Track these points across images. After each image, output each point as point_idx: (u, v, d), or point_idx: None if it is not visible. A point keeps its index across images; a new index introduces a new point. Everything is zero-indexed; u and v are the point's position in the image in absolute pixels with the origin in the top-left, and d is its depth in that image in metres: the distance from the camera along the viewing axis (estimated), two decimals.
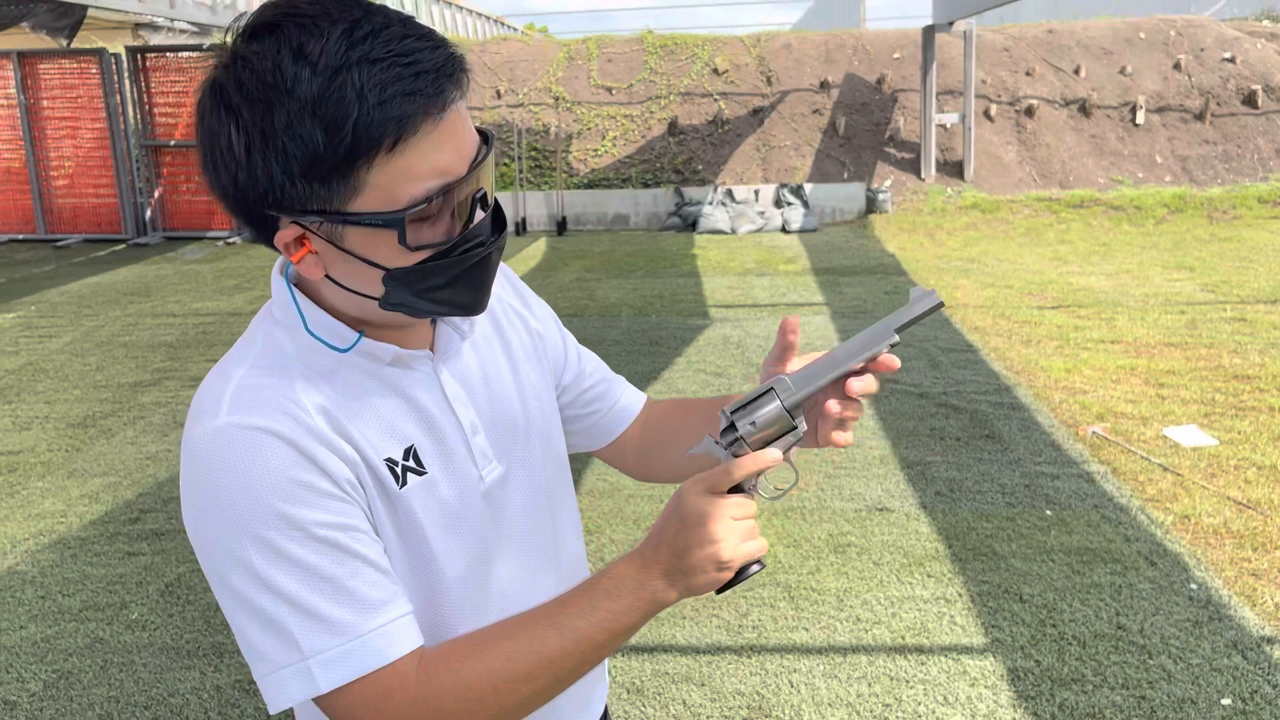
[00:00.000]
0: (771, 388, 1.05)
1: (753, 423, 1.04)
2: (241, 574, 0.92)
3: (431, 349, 1.09)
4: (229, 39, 0.93)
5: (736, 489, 1.01)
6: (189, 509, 0.96)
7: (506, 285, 1.26)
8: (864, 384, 1.06)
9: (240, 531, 0.92)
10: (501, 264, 1.26)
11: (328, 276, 0.98)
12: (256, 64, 0.89)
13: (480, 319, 1.17)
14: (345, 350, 1.01)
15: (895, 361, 1.07)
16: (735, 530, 0.99)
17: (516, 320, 1.23)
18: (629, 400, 1.37)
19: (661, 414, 1.36)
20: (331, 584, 0.93)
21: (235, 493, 0.92)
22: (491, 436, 1.11)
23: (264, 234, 0.98)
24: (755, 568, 1.02)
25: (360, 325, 1.02)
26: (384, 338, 1.04)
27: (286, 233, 0.95)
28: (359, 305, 1.00)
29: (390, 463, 1.01)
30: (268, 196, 0.92)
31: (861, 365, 1.06)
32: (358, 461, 0.98)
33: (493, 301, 1.21)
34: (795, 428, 1.05)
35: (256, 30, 0.91)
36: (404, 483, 1.02)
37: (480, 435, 1.10)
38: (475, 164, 0.95)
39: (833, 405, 1.06)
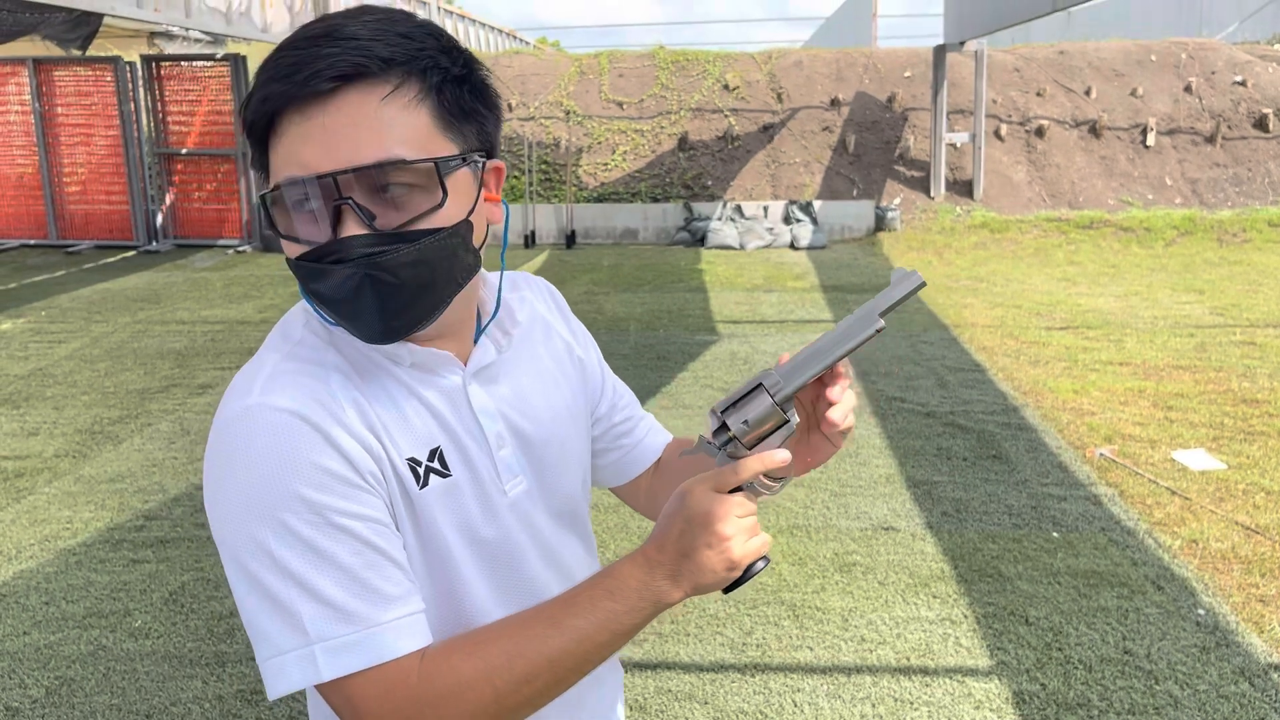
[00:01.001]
0: (760, 383, 1.04)
1: (745, 421, 1.03)
2: (256, 553, 0.92)
3: (464, 361, 1.09)
4: None
5: (738, 488, 1.02)
6: (210, 484, 0.97)
7: (553, 307, 1.26)
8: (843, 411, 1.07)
9: (261, 511, 0.92)
10: (548, 285, 1.27)
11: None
12: None
13: (522, 335, 1.17)
14: (331, 324, 1.03)
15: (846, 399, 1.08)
16: (742, 527, 0.99)
17: (559, 343, 1.23)
18: (654, 440, 1.36)
19: (674, 455, 1.35)
20: (347, 573, 0.93)
21: (259, 471, 0.92)
22: (519, 451, 1.11)
23: None
24: (761, 564, 1.02)
25: None
26: (416, 340, 1.04)
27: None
28: None
29: (412, 462, 1.01)
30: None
31: (850, 350, 1.05)
32: (383, 457, 0.99)
33: (535, 321, 1.21)
34: (788, 421, 1.04)
35: None
36: (425, 483, 1.02)
37: (506, 449, 1.10)
38: (348, 170, 0.92)
39: (834, 414, 1.07)
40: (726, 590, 1.01)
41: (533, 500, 1.13)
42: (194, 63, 12.88)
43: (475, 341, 1.11)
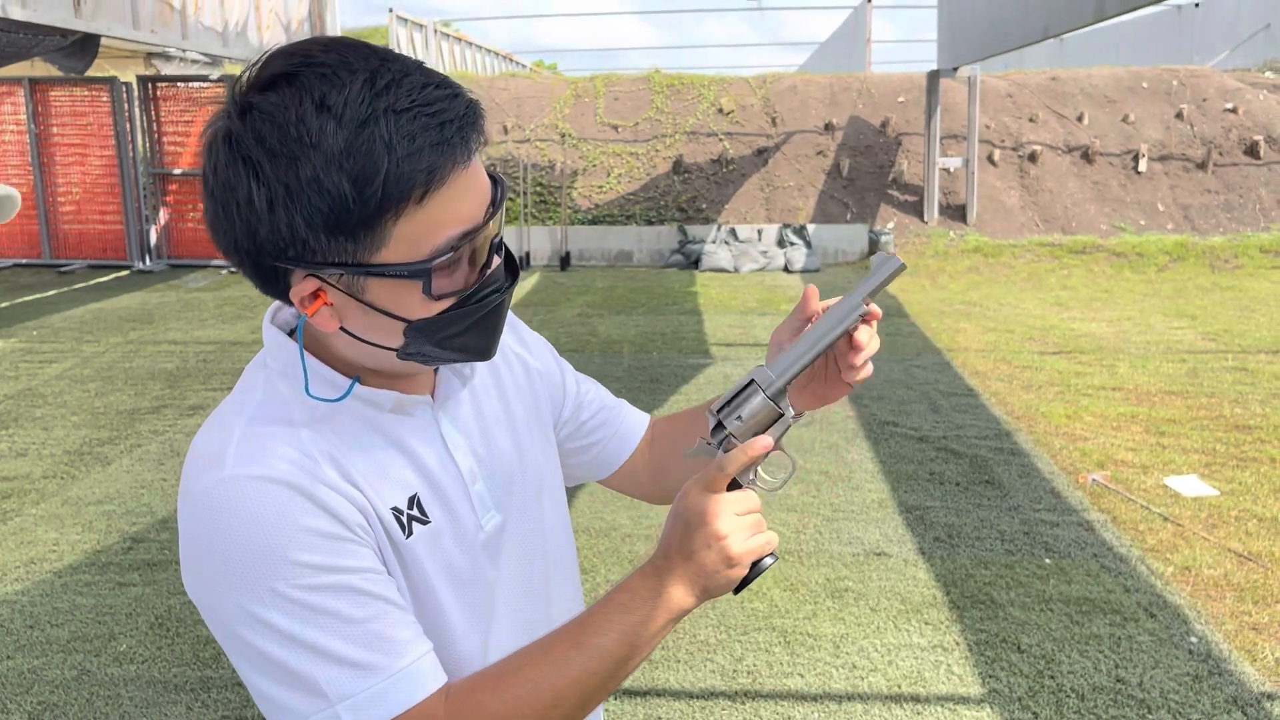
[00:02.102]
0: (752, 379, 1.05)
1: (739, 417, 1.04)
2: (257, 628, 0.90)
3: (431, 395, 1.08)
4: (238, 87, 0.91)
5: (735, 485, 1.01)
6: (194, 567, 0.93)
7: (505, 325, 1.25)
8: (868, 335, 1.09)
9: (254, 585, 0.89)
10: None
11: (342, 328, 0.96)
12: (277, 116, 0.86)
13: (479, 364, 1.16)
14: (337, 400, 0.99)
15: (876, 310, 1.09)
16: (741, 525, 0.98)
17: (515, 362, 1.22)
18: (631, 424, 1.35)
19: (668, 428, 1.34)
20: (355, 627, 0.91)
21: (247, 546, 0.90)
22: (489, 484, 1.10)
23: (274, 286, 0.95)
24: (769, 560, 1.01)
25: (358, 371, 1.01)
26: (383, 384, 1.02)
27: (303, 286, 0.93)
28: (372, 356, 0.98)
29: (396, 511, 1.00)
30: (288, 250, 0.90)
31: (837, 338, 1.07)
32: (367, 507, 0.97)
33: None
34: (783, 415, 1.05)
35: (273, 81, 0.88)
36: (410, 532, 1.00)
37: (479, 483, 1.08)
38: (492, 210, 0.94)
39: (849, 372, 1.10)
40: (736, 590, 1.00)
41: (505, 534, 1.11)
42: (190, 83, 12.91)
43: (435, 372, 1.09)
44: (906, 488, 4.89)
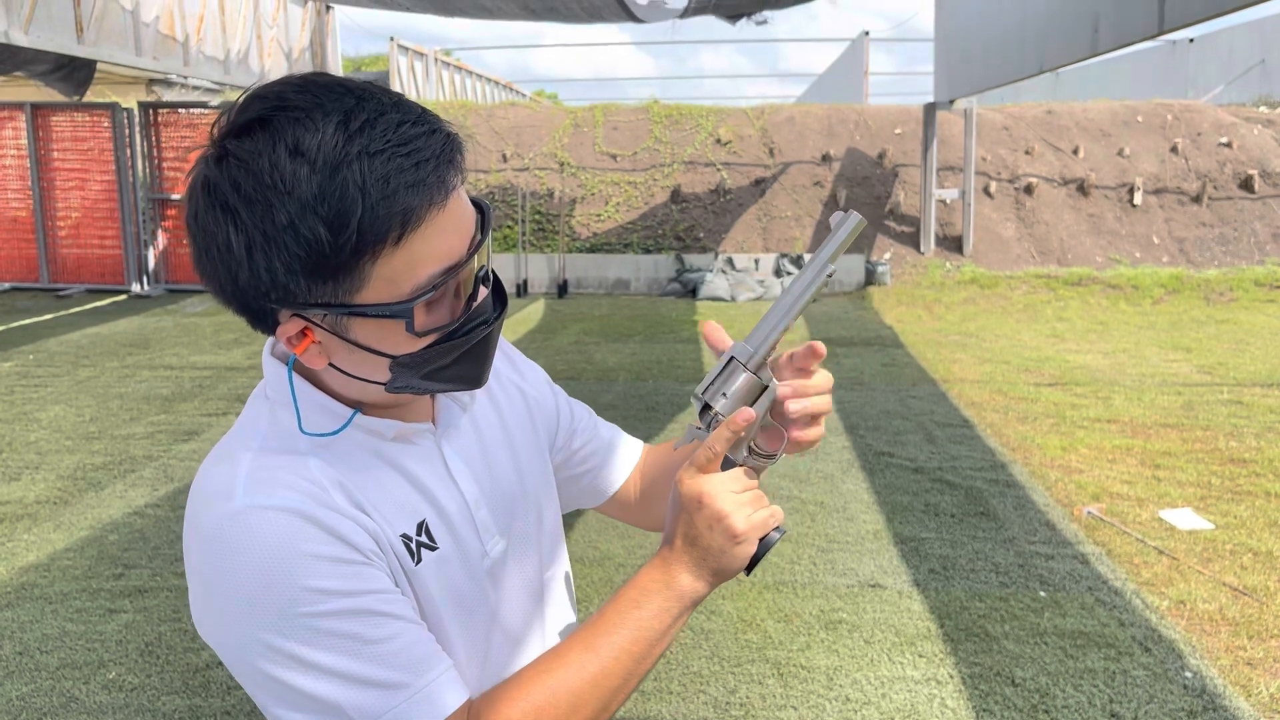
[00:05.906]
0: (732, 357, 1.05)
1: (724, 394, 1.04)
2: (277, 660, 0.90)
3: (433, 422, 1.09)
4: (215, 130, 0.91)
5: (729, 465, 1.02)
6: (207, 600, 0.93)
7: (499, 352, 1.26)
8: (803, 405, 1.05)
9: (271, 616, 0.90)
10: None
11: (331, 364, 0.97)
12: (251, 163, 0.87)
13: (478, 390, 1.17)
14: (334, 433, 1.00)
15: (820, 347, 1.06)
16: (740, 501, 0.99)
17: (512, 388, 1.23)
18: (625, 452, 1.35)
19: (659, 456, 1.35)
20: (376, 647, 0.92)
21: (260, 577, 0.90)
22: (493, 510, 1.11)
23: (263, 324, 0.96)
24: (776, 535, 1.01)
25: (358, 404, 1.02)
26: (385, 414, 1.03)
27: (289, 326, 0.94)
28: (362, 389, 1.00)
29: (405, 539, 1.00)
30: (270, 294, 0.91)
31: (808, 303, 1.07)
32: (378, 533, 0.98)
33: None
34: (767, 386, 1.06)
35: (248, 126, 0.89)
36: (419, 559, 1.01)
37: (483, 509, 1.09)
38: (476, 244, 0.95)
39: (792, 405, 1.06)
40: (748, 570, 1.00)
41: (507, 560, 1.12)
42: (191, 110, 12.98)
43: (434, 398, 1.10)
44: (901, 519, 4.88)
